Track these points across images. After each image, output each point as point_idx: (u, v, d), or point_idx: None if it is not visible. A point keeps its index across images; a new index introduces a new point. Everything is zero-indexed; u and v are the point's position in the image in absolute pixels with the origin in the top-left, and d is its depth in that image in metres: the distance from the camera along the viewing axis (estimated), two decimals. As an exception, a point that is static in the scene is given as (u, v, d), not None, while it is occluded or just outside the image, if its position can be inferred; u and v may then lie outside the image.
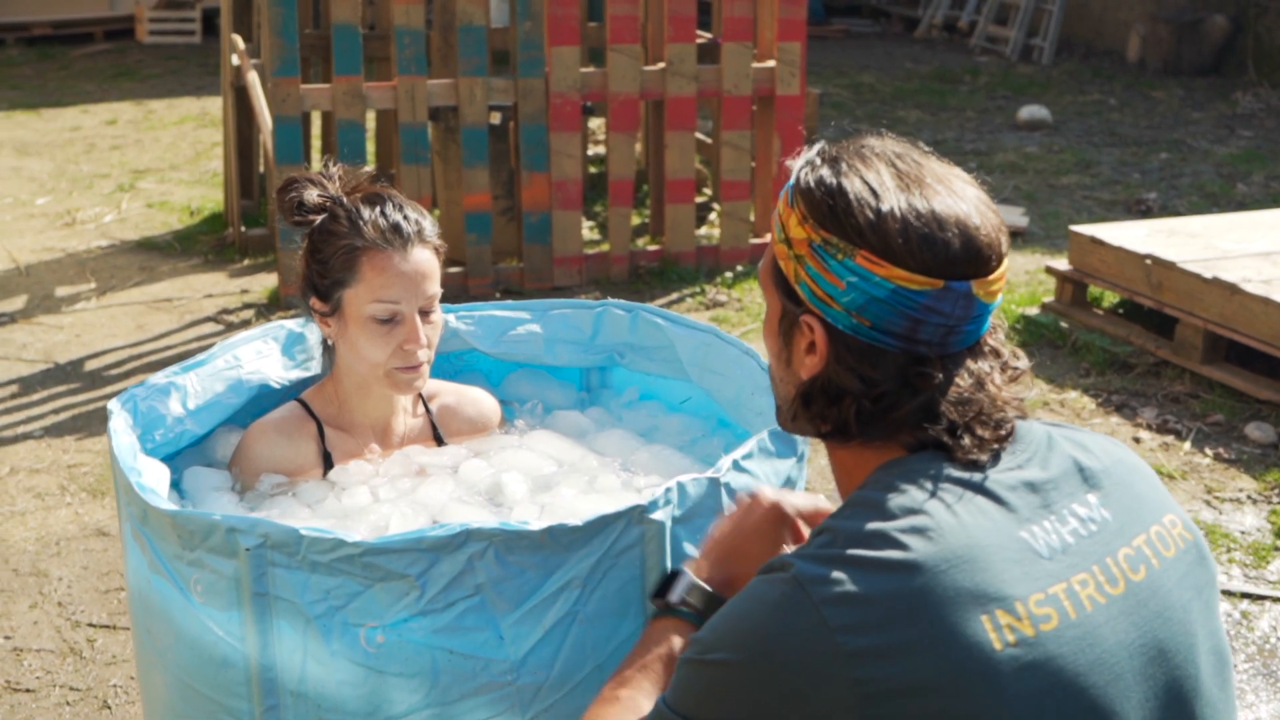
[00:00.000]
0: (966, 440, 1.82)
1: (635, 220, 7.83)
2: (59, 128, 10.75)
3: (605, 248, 7.15)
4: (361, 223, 2.75)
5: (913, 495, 1.78)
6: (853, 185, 1.83)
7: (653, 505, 2.29)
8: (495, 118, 6.88)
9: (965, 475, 1.81)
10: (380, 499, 2.74)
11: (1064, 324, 6.24)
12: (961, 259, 1.80)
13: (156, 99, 11.75)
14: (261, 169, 7.97)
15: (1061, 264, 6.43)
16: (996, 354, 1.89)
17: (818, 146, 1.93)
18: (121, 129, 10.73)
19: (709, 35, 7.69)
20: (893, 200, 1.81)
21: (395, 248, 2.74)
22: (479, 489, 2.76)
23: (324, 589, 2.27)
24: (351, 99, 6.51)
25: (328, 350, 2.93)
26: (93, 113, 11.22)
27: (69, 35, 14.29)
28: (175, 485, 2.84)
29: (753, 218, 7.27)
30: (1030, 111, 10.66)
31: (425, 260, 2.77)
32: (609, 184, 6.95)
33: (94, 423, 5.56)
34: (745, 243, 7.04)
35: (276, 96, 6.47)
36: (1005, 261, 1.87)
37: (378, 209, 2.78)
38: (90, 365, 6.22)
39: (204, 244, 7.82)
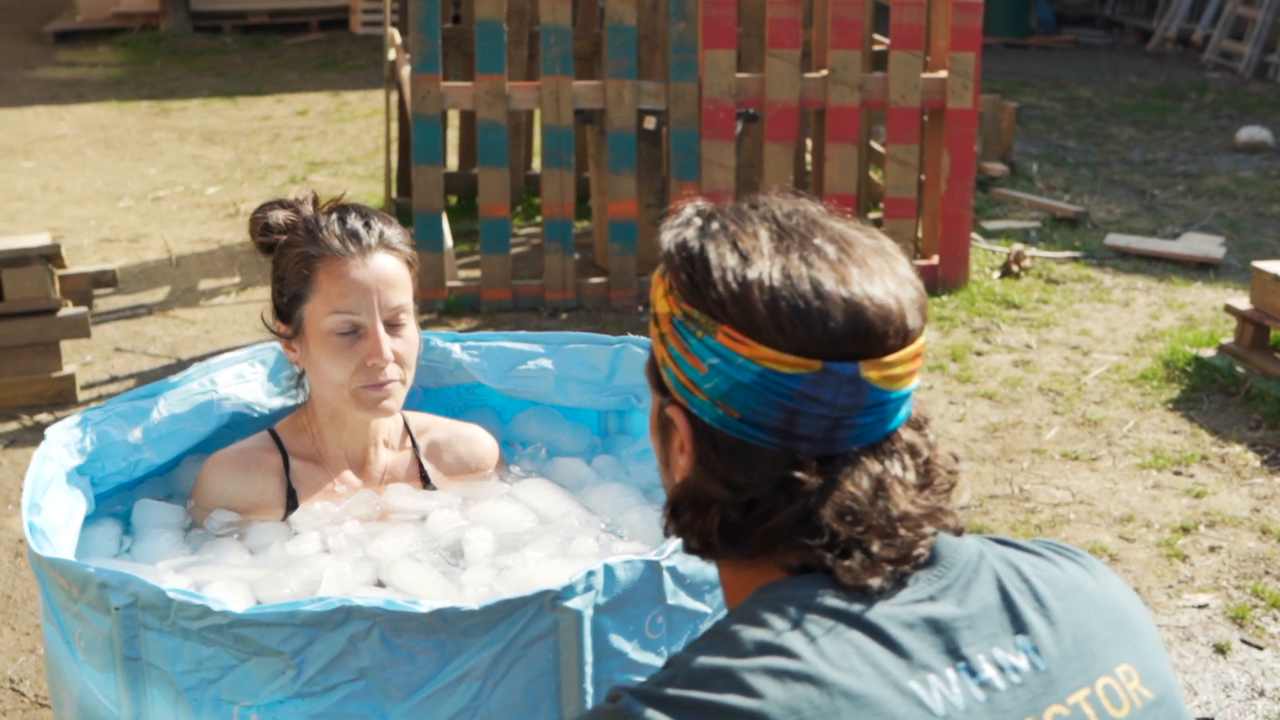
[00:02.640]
0: (855, 560, 1.46)
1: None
2: (250, 116, 10.80)
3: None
4: (318, 231, 2.53)
5: (775, 628, 1.43)
6: (717, 249, 1.49)
7: (569, 591, 1.97)
8: (650, 122, 6.59)
9: (846, 606, 1.45)
10: (329, 548, 2.47)
11: (1240, 368, 5.68)
12: (845, 335, 1.44)
13: (353, 90, 11.75)
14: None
15: (1244, 302, 5.87)
16: (913, 453, 1.53)
17: (695, 204, 1.59)
18: (311, 120, 10.73)
19: (888, 41, 7.27)
20: (763, 267, 1.47)
21: (352, 254, 2.52)
22: (440, 544, 2.48)
23: (196, 659, 2.01)
24: (493, 98, 6.29)
25: (302, 378, 2.68)
26: (287, 102, 11.26)
27: (284, 24, 14.45)
28: (125, 518, 2.63)
29: (919, 235, 6.84)
30: (1250, 133, 9.95)
31: (387, 268, 2.53)
32: (761, 196, 6.59)
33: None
34: (905, 264, 6.61)
35: (416, 93, 6.29)
36: (916, 342, 1.50)
37: (336, 217, 2.55)
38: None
39: (358, 240, 7.68)
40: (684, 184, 6.46)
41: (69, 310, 5.77)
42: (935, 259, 6.67)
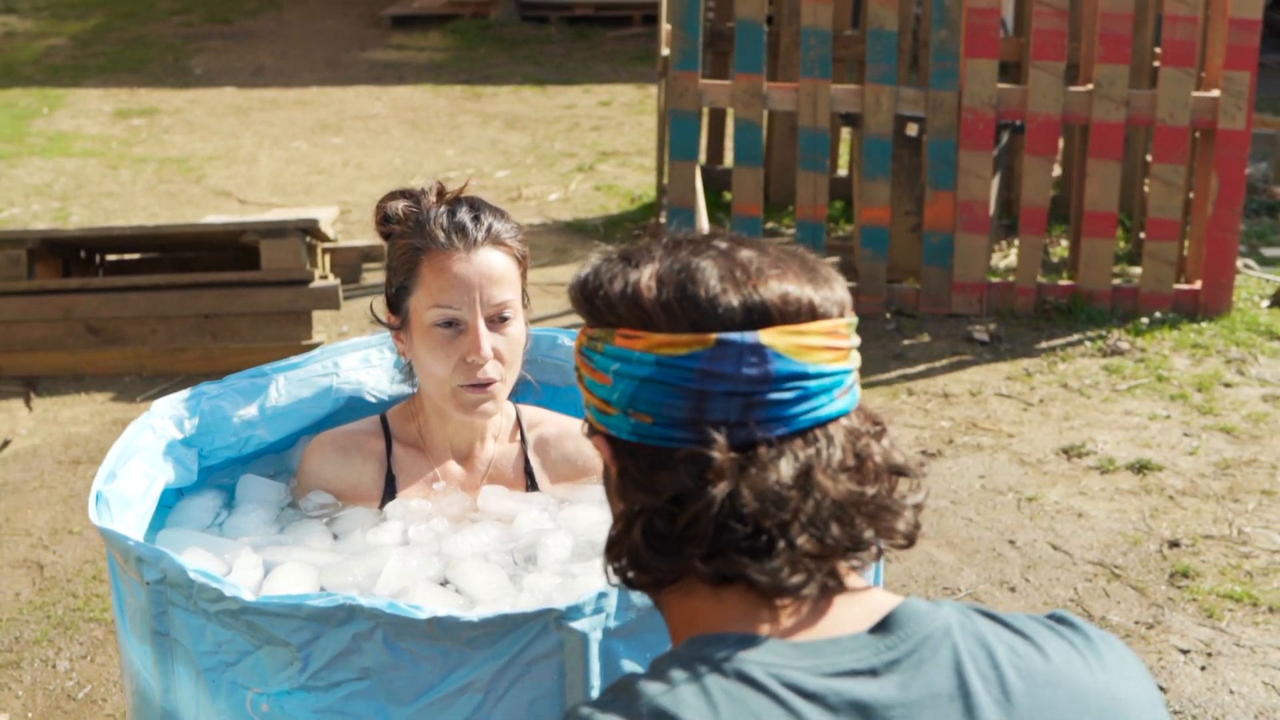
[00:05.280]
0: (778, 558, 1.35)
1: (1058, 253, 7.19)
2: (555, 105, 10.99)
3: (1011, 277, 6.55)
4: (427, 223, 2.51)
5: (677, 694, 1.32)
6: (609, 267, 1.45)
7: (575, 612, 1.91)
8: (912, 129, 6.42)
9: (767, 679, 1.32)
10: (408, 540, 2.46)
11: None
12: (739, 306, 1.38)
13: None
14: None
15: None
16: (854, 442, 1.41)
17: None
18: (612, 111, 10.85)
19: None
20: (651, 267, 1.42)
21: (457, 248, 2.49)
22: (516, 546, 2.44)
23: (216, 641, 2.03)
24: (751, 98, 6.22)
25: (412, 369, 2.69)
26: (593, 93, 11.41)
27: (608, 17, 14.64)
28: (231, 491, 2.68)
29: (1185, 255, 6.48)
30: None
31: (493, 263, 2.49)
32: (1020, 210, 6.35)
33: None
34: (1169, 288, 6.26)
35: (674, 90, 6.27)
36: (834, 320, 1.43)
37: (446, 210, 2.53)
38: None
39: (627, 231, 7.74)
40: (939, 193, 6.27)
41: (321, 282, 5.96)
42: (1198, 284, 6.31)
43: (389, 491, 2.60)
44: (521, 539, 2.46)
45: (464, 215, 2.53)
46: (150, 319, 5.81)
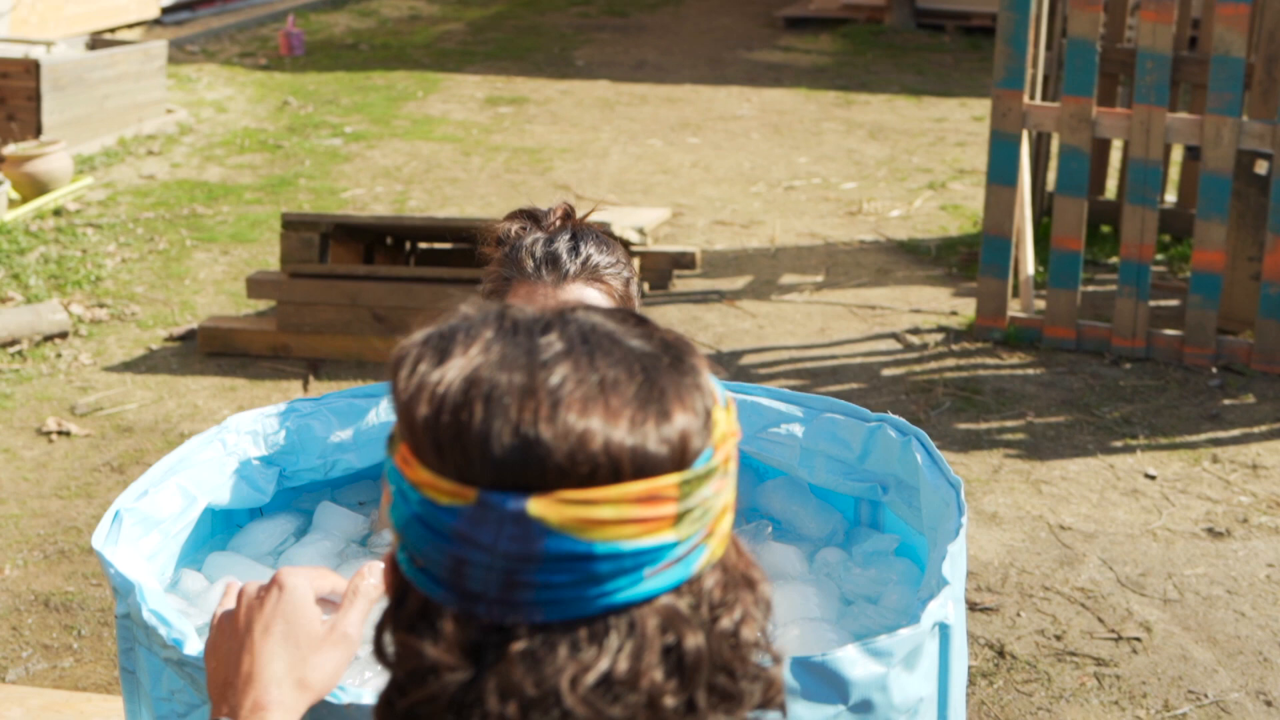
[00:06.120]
0: None
1: None
2: (926, 117, 10.60)
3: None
4: (519, 250, 2.30)
5: None
6: (422, 347, 1.13)
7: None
8: (1262, 167, 5.82)
9: None
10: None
11: None
12: (510, 457, 1.05)
13: (1042, 99, 11.26)
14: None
15: None
16: (669, 622, 1.09)
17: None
18: (982, 127, 10.35)
19: None
20: (450, 368, 1.09)
21: (544, 280, 2.28)
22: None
23: (170, 689, 1.89)
24: (1078, 123, 5.76)
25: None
26: (969, 107, 10.95)
27: (1007, 25, 14.09)
28: (310, 515, 2.54)
29: None
30: None
31: (583, 299, 2.25)
32: (1378, 264, 5.68)
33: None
34: None
35: (997, 110, 5.87)
36: (655, 480, 1.06)
37: (544, 237, 2.31)
38: (746, 360, 6.00)
39: (957, 256, 7.34)
40: (1283, 239, 5.67)
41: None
42: None
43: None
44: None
45: (561, 245, 2.32)
46: (434, 311, 5.79)
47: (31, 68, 8.24)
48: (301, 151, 9.31)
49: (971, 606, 4.19)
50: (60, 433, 5.25)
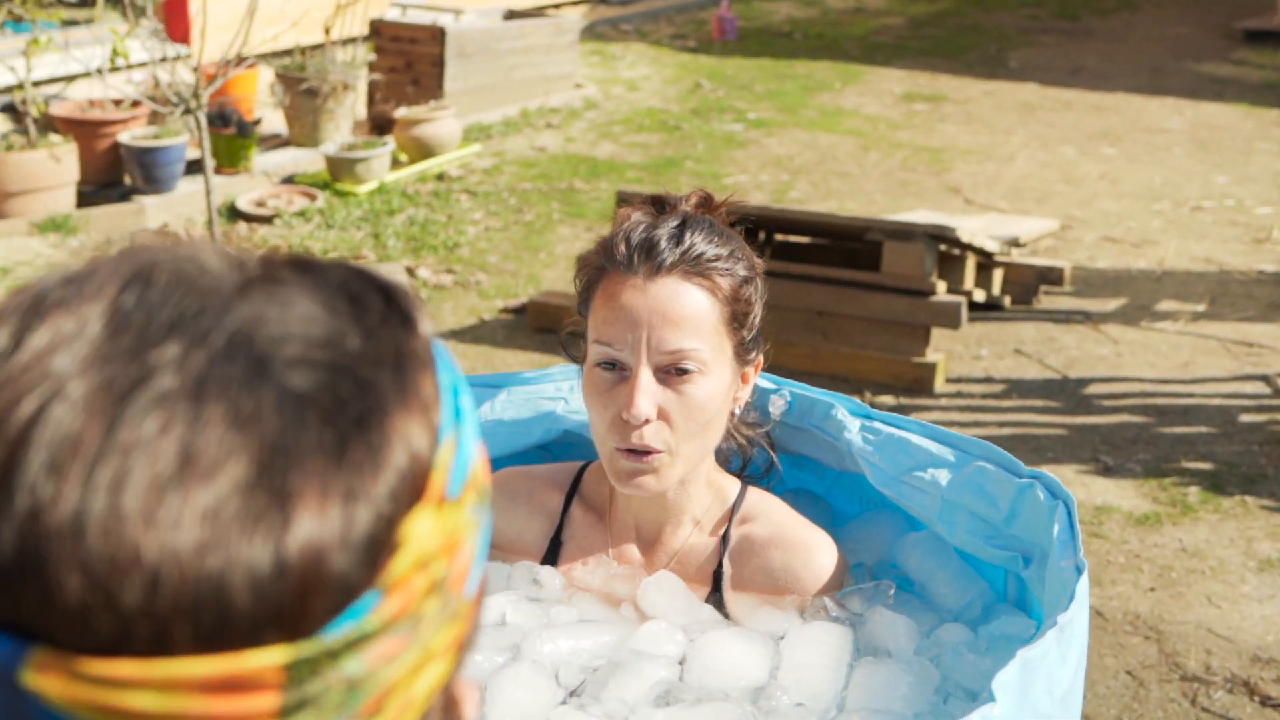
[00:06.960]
0: None
1: None
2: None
3: None
4: (614, 237, 2.02)
5: None
6: None
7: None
8: None
9: None
10: (506, 623, 2.06)
11: None
12: (12, 571, 0.62)
13: None
14: None
15: None
16: None
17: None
18: None
19: None
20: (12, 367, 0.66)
21: (635, 272, 1.96)
22: (600, 668, 1.97)
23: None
24: None
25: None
26: None
27: None
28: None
29: None
30: None
31: (677, 296, 1.94)
32: None
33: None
34: None
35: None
36: (193, 661, 0.61)
37: (648, 222, 2.01)
38: (1092, 389, 5.53)
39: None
40: None
41: (946, 296, 5.48)
42: None
43: (550, 558, 2.19)
44: (610, 657, 1.98)
45: (662, 231, 1.98)
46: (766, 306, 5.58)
47: (437, 34, 8.46)
48: (698, 134, 9.25)
49: (1264, 701, 3.69)
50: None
